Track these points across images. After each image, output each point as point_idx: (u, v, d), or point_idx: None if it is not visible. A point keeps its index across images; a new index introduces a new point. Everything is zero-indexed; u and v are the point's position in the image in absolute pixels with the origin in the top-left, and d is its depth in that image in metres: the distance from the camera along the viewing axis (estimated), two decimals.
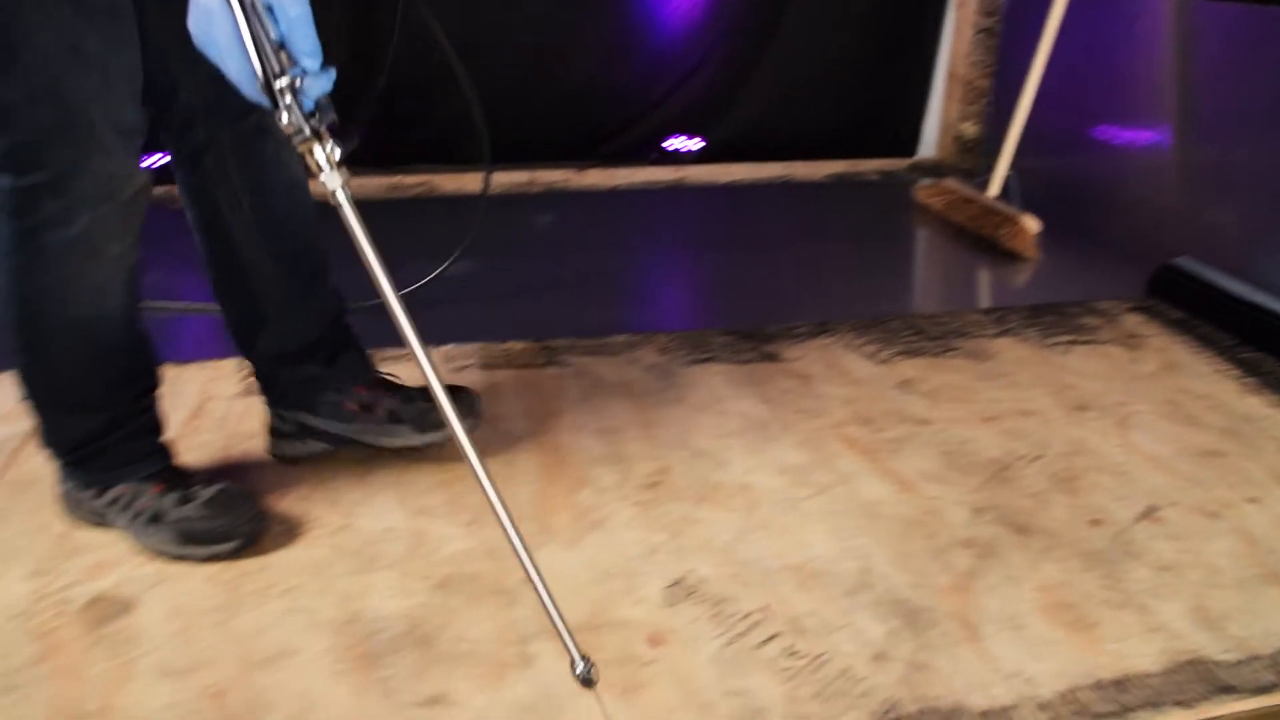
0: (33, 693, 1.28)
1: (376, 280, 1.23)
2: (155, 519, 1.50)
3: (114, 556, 1.54)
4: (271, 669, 1.31)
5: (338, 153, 1.19)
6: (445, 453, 1.75)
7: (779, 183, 3.40)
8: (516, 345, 2.16)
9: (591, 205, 3.25)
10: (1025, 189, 2.72)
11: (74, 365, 1.50)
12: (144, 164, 1.44)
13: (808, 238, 3.00)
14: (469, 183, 3.22)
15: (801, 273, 2.67)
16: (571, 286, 2.67)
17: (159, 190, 1.47)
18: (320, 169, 1.19)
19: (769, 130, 3.54)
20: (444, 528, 1.57)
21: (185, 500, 1.50)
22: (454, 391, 1.47)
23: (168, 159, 1.55)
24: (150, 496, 1.51)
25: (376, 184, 3.28)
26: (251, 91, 1.17)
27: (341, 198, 1.20)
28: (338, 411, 1.67)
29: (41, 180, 1.32)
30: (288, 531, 1.53)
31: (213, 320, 2.16)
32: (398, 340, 1.21)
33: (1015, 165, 2.78)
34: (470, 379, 2.00)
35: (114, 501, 1.54)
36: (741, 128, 3.54)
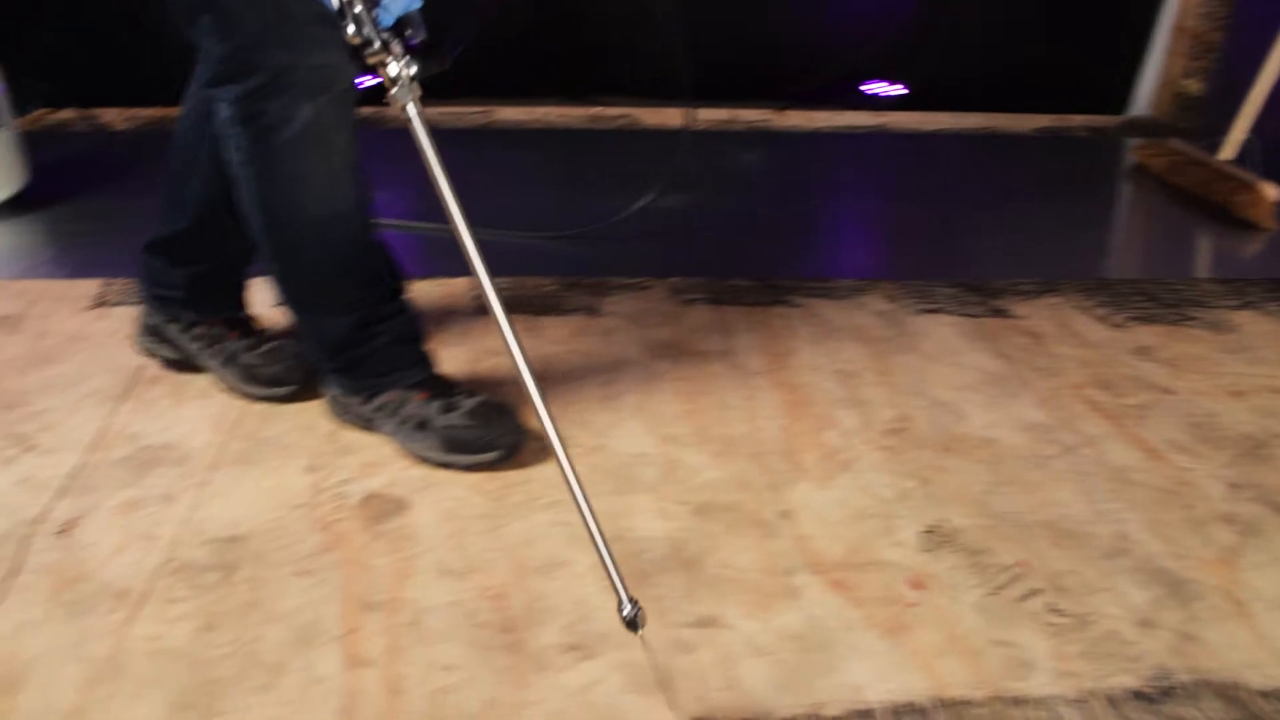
0: (327, 578, 1.34)
1: (445, 204, 1.25)
2: (422, 426, 1.56)
3: (380, 458, 1.61)
4: (545, 577, 1.35)
5: (413, 69, 1.21)
6: (691, 385, 1.82)
7: (983, 134, 3.34)
8: (742, 282, 2.15)
9: (793, 146, 3.25)
10: (1267, 155, 2.59)
11: (319, 265, 1.56)
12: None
13: (1018, 193, 2.95)
14: (670, 117, 3.22)
15: (1017, 228, 2.65)
16: (779, 226, 2.68)
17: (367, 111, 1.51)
18: (390, 84, 1.20)
19: (972, 78, 3.44)
20: (694, 456, 1.60)
21: (449, 409, 1.55)
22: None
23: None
24: (416, 404, 1.58)
25: (577, 114, 3.30)
26: None
27: (412, 114, 1.21)
28: (188, 330, 1.75)
29: (261, 83, 1.36)
30: (545, 448, 1.57)
31: (436, 240, 2.22)
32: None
33: (1255, 129, 2.62)
34: (700, 314, 2.07)
35: (381, 407, 1.61)
36: (943, 75, 3.46)
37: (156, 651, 1.23)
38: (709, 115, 3.22)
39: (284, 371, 1.69)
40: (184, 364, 1.79)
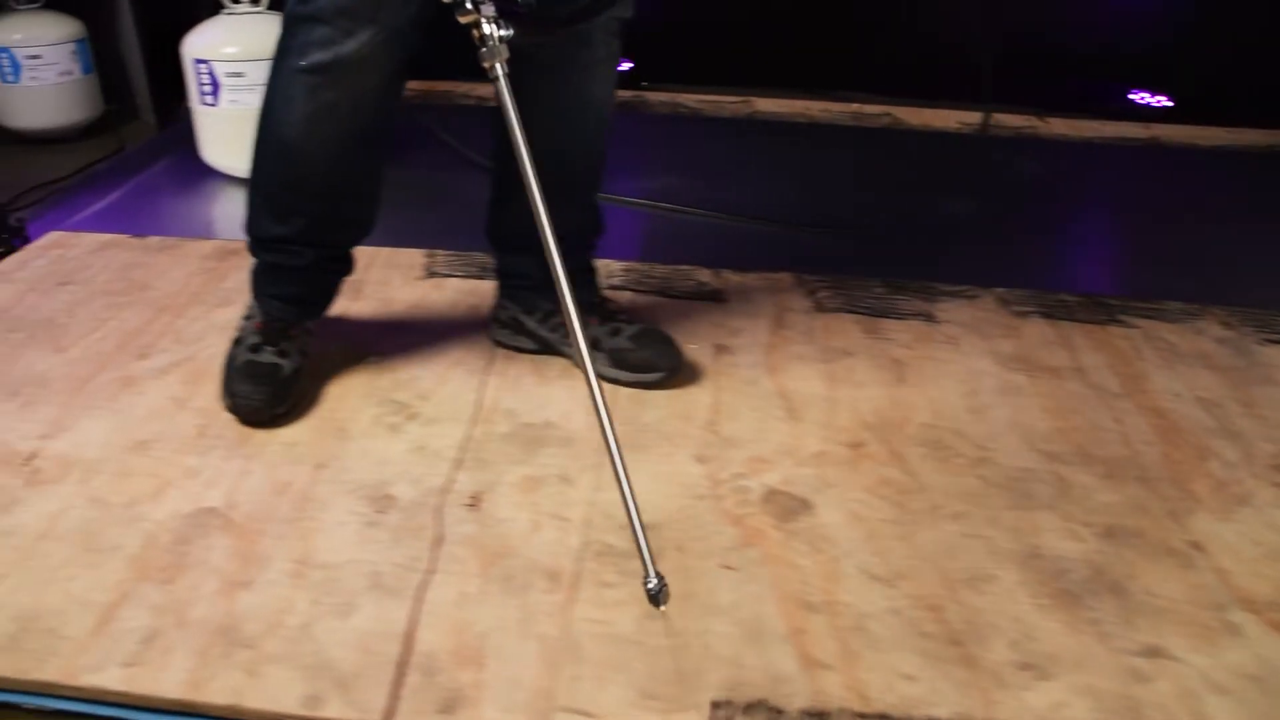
0: (755, 574, 1.31)
1: (523, 168, 1.29)
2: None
3: (765, 453, 1.60)
4: (974, 591, 1.31)
5: (506, 32, 1.26)
6: (1054, 401, 1.80)
7: (1268, 151, 3.14)
8: (1069, 297, 2.08)
9: (1059, 154, 3.16)
10: None
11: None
12: None
13: None
14: (933, 118, 3.15)
15: None
16: (1068, 238, 2.63)
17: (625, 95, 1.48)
18: (479, 44, 1.23)
19: (1245, 89, 3.24)
20: (1082, 476, 1.60)
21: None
22: (658, 338, 1.72)
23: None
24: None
25: (838, 109, 3.25)
26: None
27: (499, 76, 1.25)
28: (548, 320, 1.74)
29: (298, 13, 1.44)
30: (935, 455, 1.60)
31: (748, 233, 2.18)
32: None
33: None
34: (1037, 327, 2.01)
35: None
36: (1214, 85, 3.29)
37: (606, 636, 1.20)
38: (969, 119, 3.11)
39: (655, 356, 1.68)
40: (543, 354, 1.79)
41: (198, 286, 2.00)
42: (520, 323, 1.75)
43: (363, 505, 1.39)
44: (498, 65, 1.23)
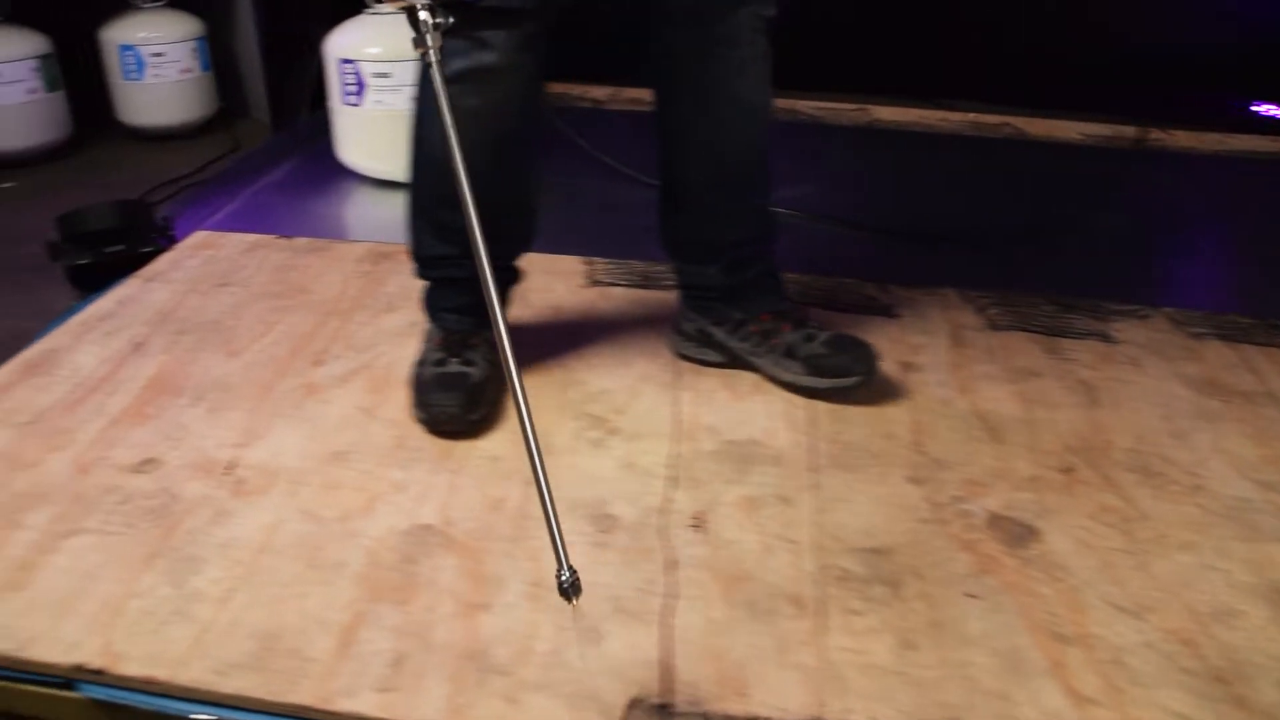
0: (999, 603, 1.28)
1: (456, 172, 1.27)
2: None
3: (978, 474, 1.56)
4: (1225, 626, 1.27)
5: (440, 19, 1.23)
6: (1253, 427, 1.73)
7: None
8: (1242, 319, 2.03)
9: (1185, 168, 3.09)
10: None
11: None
12: None
13: None
14: (1057, 129, 3.09)
15: None
16: (1213, 255, 2.57)
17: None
18: (419, 31, 1.22)
19: None
20: None
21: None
22: (853, 343, 1.67)
23: None
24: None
25: (956, 119, 3.19)
26: None
27: (430, 60, 1.23)
28: (738, 329, 1.70)
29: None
30: (1148, 482, 1.56)
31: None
32: None
33: None
34: (1216, 350, 1.96)
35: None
36: None
37: (867, 666, 1.17)
38: (1091, 130, 3.06)
39: (851, 361, 1.65)
40: (730, 367, 1.75)
41: (357, 291, 1.96)
42: (708, 335, 1.71)
43: (585, 525, 1.35)
44: (430, 52, 1.22)
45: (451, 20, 1.24)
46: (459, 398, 1.50)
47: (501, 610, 1.22)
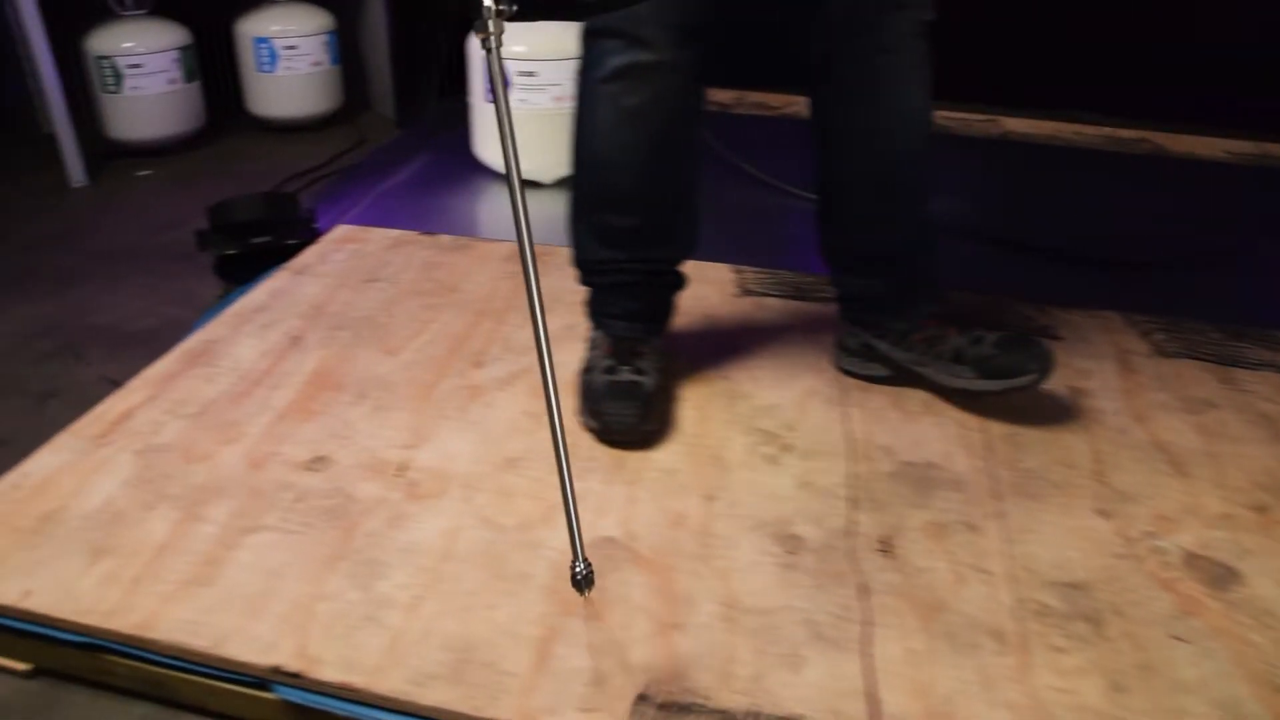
0: (1209, 649, 1.23)
1: (506, 155, 1.19)
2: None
3: (1166, 509, 1.51)
4: None
5: (505, 6, 1.17)
6: None
7: None
8: None
9: None
10: None
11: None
12: None
13: None
14: (1200, 146, 2.99)
15: None
16: None
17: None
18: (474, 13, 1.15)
19: None
20: None
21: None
22: (1024, 341, 1.60)
23: None
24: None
25: (1090, 132, 3.09)
26: None
27: (491, 46, 1.18)
28: (902, 340, 1.65)
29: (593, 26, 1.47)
30: None
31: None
32: None
33: None
34: None
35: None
36: None
37: (1078, 708, 1.13)
38: (1236, 148, 2.96)
39: (1025, 359, 1.59)
40: (896, 383, 1.72)
41: (508, 291, 1.93)
42: (871, 348, 1.67)
43: (771, 544, 1.31)
44: (491, 38, 1.17)
45: (515, 7, 1.19)
46: (634, 408, 1.47)
47: (696, 631, 1.19)
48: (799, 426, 1.56)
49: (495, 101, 1.19)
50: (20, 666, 1.24)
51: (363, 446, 1.48)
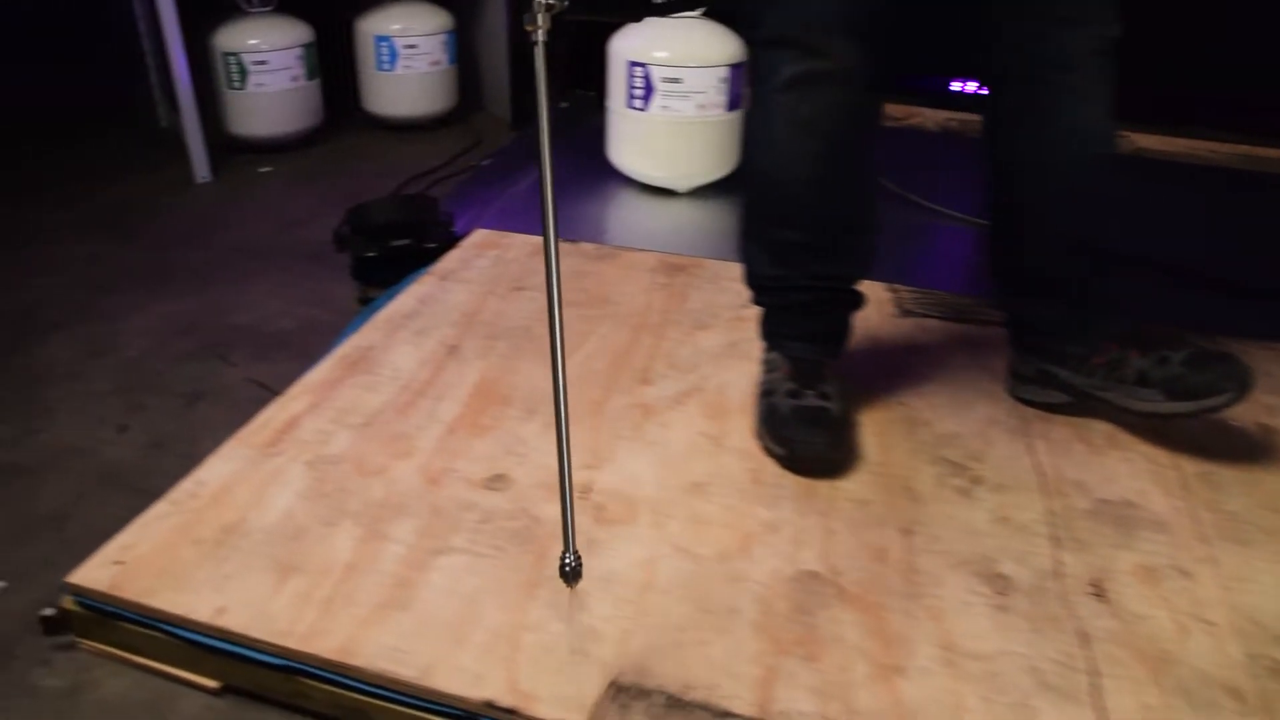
0: None
1: (540, 145, 1.19)
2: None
3: None
4: None
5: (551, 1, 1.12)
6: None
7: None
8: None
9: None
10: None
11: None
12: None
13: None
14: None
15: None
16: None
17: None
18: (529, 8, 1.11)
19: None
20: None
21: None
22: (1216, 358, 1.49)
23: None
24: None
25: (1225, 151, 2.99)
26: None
27: (536, 39, 1.15)
28: (1082, 365, 1.56)
29: (764, 35, 1.44)
30: None
31: None
32: None
33: None
34: None
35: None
36: None
37: None
38: None
39: (1219, 377, 1.51)
40: (1076, 409, 1.65)
41: (662, 304, 1.89)
42: (1049, 374, 1.63)
43: (979, 584, 1.25)
44: (538, 32, 1.14)
45: (566, 2, 1.15)
46: (825, 435, 1.42)
47: (917, 675, 1.14)
48: (985, 458, 1.50)
49: (536, 97, 1.19)
50: (210, 684, 1.20)
51: (540, 465, 1.43)
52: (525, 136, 2.99)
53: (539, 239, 2.03)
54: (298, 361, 1.85)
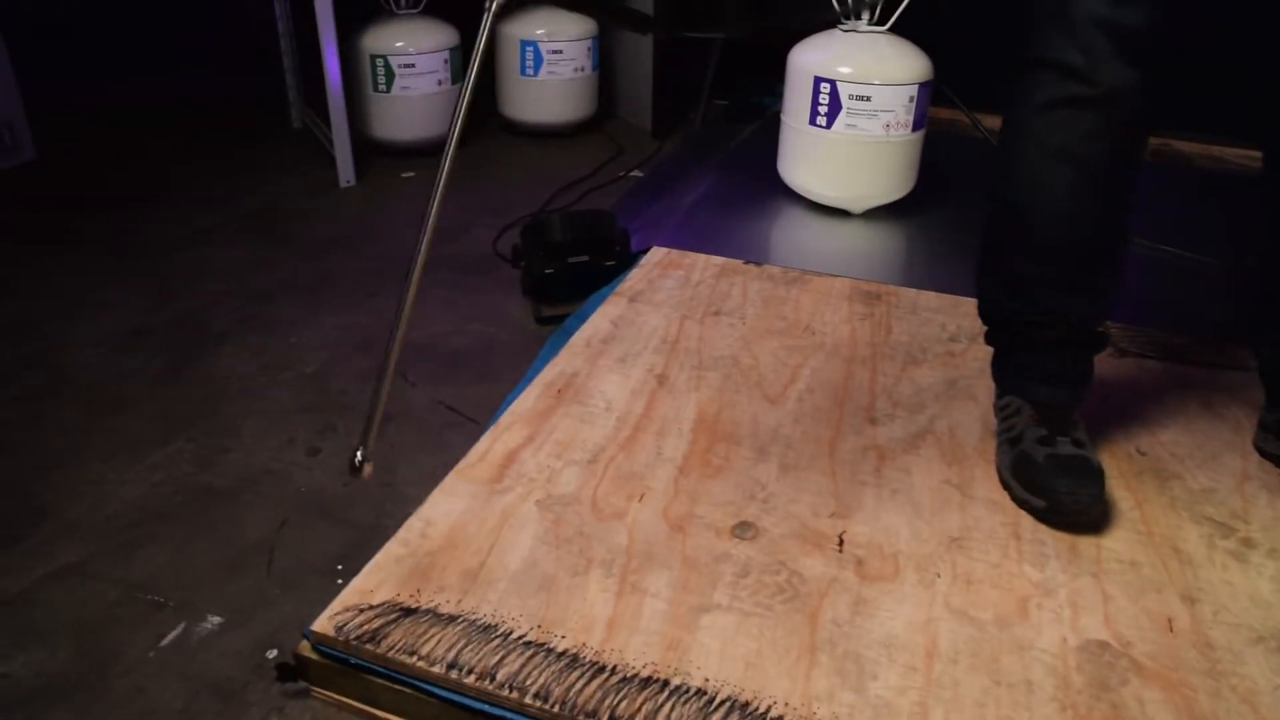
0: None
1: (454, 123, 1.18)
2: (1014, 442, 1.46)
3: None
4: None
5: None
6: None
7: None
8: None
9: None
10: None
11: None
12: None
13: None
14: None
15: None
16: None
17: None
18: None
19: None
20: None
21: (1047, 443, 1.43)
22: None
23: None
24: (1026, 420, 1.47)
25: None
26: None
27: (490, 7, 1.16)
28: None
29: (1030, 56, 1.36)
30: None
31: None
32: None
33: None
34: None
35: (1003, 409, 1.52)
36: None
37: None
38: None
39: None
40: None
41: (867, 336, 1.81)
42: None
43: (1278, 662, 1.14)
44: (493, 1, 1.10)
45: None
46: (1090, 485, 1.36)
47: None
48: (1251, 519, 1.41)
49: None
50: None
51: (788, 513, 1.36)
52: (681, 148, 2.91)
53: (722, 260, 1.98)
54: (482, 384, 1.80)
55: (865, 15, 2.22)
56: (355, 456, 1.20)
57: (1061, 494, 1.35)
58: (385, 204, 2.64)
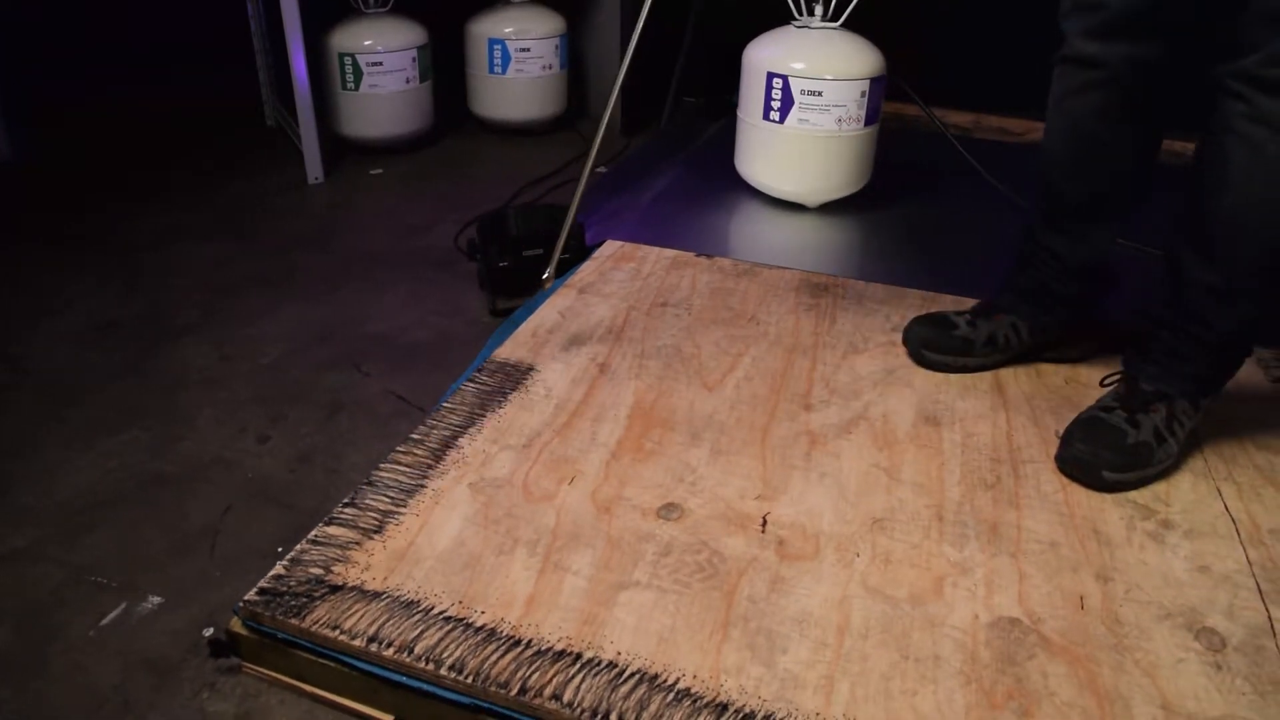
0: None
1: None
2: None
3: None
4: None
5: None
6: None
7: None
8: None
9: None
10: None
11: None
12: None
13: None
14: None
15: None
16: None
17: None
18: None
19: None
20: None
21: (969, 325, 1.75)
22: None
23: None
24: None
25: None
26: None
27: None
28: None
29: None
30: None
31: None
32: None
33: None
34: None
35: None
36: None
37: None
38: None
39: None
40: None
41: (811, 326, 1.84)
42: None
43: (1189, 639, 1.20)
44: None
45: None
46: (949, 353, 1.72)
47: None
48: (1172, 500, 1.46)
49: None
50: (385, 718, 1.15)
51: (713, 495, 1.38)
52: (648, 144, 2.94)
53: (674, 253, 2.01)
54: (435, 374, 1.82)
55: (818, 11, 2.24)
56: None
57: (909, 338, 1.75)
58: (352, 201, 2.68)
